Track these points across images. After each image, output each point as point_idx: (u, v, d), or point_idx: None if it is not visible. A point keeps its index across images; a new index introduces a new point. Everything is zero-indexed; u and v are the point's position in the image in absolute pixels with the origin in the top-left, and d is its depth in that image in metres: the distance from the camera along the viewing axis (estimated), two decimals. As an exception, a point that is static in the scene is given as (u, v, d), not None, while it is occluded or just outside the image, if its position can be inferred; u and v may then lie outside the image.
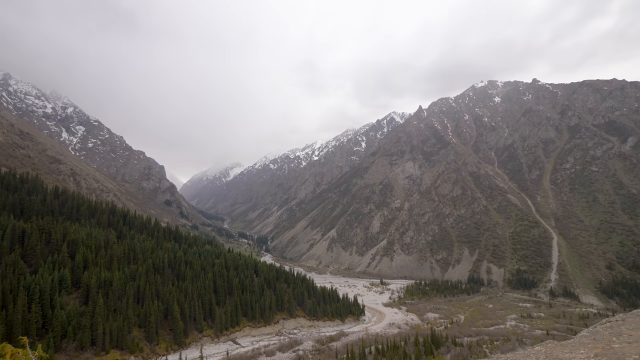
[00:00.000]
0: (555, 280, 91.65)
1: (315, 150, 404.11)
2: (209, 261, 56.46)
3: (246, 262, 62.28)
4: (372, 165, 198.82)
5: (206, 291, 48.59)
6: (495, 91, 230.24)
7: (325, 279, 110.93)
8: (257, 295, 54.26)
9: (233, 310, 49.32)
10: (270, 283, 59.38)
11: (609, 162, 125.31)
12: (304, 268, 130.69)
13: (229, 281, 53.69)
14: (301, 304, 60.60)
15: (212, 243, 73.54)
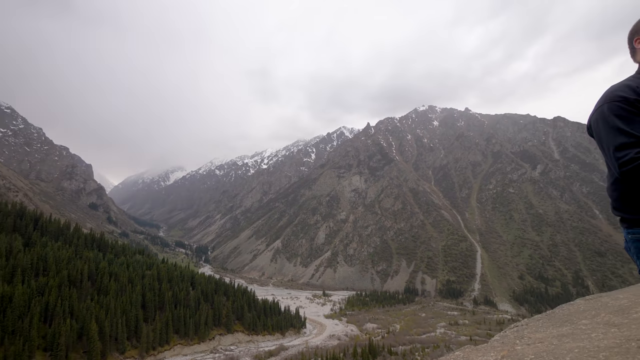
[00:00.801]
0: (478, 290, 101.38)
1: (265, 158, 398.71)
2: (139, 273, 51.35)
3: (182, 274, 57.98)
4: (320, 176, 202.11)
5: (132, 306, 43.90)
6: (434, 115, 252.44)
7: (268, 291, 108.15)
8: (192, 310, 50.59)
9: (163, 327, 45.21)
10: (208, 296, 55.92)
11: (522, 185, 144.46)
12: (245, 280, 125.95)
13: (161, 295, 49.30)
14: (240, 318, 57.99)
15: (144, 253, 67.24)
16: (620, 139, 1.23)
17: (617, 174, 1.26)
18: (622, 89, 1.32)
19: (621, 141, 1.22)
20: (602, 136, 1.29)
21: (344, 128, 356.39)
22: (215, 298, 56.13)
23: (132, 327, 42.74)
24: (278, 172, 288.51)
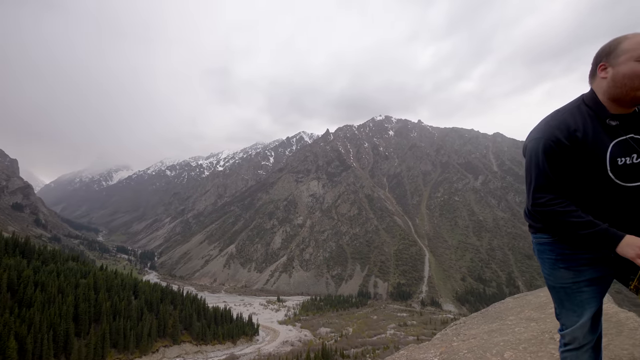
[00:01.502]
0: (426, 292, 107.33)
1: (221, 160, 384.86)
2: (72, 282, 46.23)
3: (123, 282, 53.35)
4: (278, 181, 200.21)
5: (62, 319, 39.31)
6: (390, 125, 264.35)
7: (219, 298, 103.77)
8: (134, 321, 46.72)
9: (99, 341, 41.11)
10: (153, 306, 52.09)
11: (466, 194, 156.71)
12: (196, 287, 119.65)
13: (97, 305, 44.83)
14: (189, 327, 54.82)
15: (79, 259, 60.82)
16: (542, 181, 1.34)
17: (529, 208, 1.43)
18: (561, 128, 1.32)
19: (542, 183, 1.34)
20: (530, 168, 1.41)
21: (303, 133, 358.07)
22: (160, 307, 52.46)
23: (61, 342, 38.24)
24: (234, 174, 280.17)
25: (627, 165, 1.29)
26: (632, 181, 1.29)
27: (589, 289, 1.41)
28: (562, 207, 1.29)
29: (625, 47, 1.26)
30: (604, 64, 1.34)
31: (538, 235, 1.55)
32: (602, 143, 1.30)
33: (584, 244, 1.33)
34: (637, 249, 1.18)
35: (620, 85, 1.28)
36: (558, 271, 1.46)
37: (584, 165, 1.30)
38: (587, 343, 1.43)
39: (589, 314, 1.41)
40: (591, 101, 1.36)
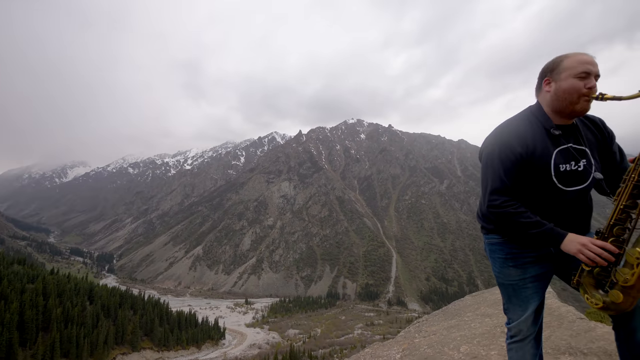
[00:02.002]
0: (392, 292, 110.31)
1: (189, 158, 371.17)
2: (17, 287, 42.24)
3: (77, 287, 49.65)
4: (249, 181, 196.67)
5: (5, 328, 35.79)
6: (362, 129, 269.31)
7: (184, 302, 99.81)
8: (89, 328, 43.61)
9: (47, 350, 37.89)
10: (110, 311, 48.94)
11: (432, 197, 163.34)
12: (158, 291, 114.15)
13: (47, 312, 41.33)
14: (150, 333, 52.13)
15: (26, 262, 55.78)
16: (497, 184, 1.45)
17: (484, 210, 1.53)
18: (515, 137, 1.45)
19: (497, 186, 1.45)
20: (487, 172, 1.50)
21: (275, 133, 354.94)
22: (119, 313, 49.41)
23: (3, 353, 34.77)
24: (203, 174, 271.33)
25: (567, 171, 1.43)
26: (572, 186, 1.44)
27: (533, 285, 1.55)
28: (514, 208, 1.41)
29: (566, 65, 1.41)
30: (548, 79, 1.48)
31: (490, 236, 1.66)
32: (548, 150, 1.44)
33: (532, 243, 1.45)
34: (578, 245, 1.29)
35: (561, 98, 1.43)
36: (507, 269, 1.59)
37: (533, 170, 1.43)
38: (530, 334, 1.56)
39: (533, 308, 1.55)
40: (538, 112, 1.51)
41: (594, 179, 1.45)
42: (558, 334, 2.58)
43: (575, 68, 1.39)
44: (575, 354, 2.14)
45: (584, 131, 1.52)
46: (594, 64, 1.39)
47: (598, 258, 1.25)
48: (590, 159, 1.46)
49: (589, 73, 1.38)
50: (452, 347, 3.01)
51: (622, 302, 1.24)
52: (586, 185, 1.45)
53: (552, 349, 2.32)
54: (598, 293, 1.29)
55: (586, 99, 1.40)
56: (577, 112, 1.45)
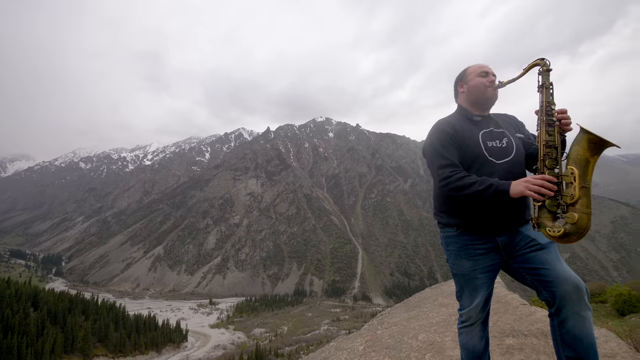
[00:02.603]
0: (358, 287, 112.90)
1: (149, 153, 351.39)
2: (-57, 294, 37.54)
3: (18, 292, 45.14)
4: (214, 178, 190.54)
5: None
6: (330, 127, 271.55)
7: (143, 305, 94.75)
8: (33, 337, 39.90)
9: (-19, 363, 34.11)
10: (58, 318, 45.11)
11: (397, 195, 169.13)
12: (114, 294, 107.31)
13: (-19, 321, 37.19)
14: (104, 339, 48.83)
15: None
16: (441, 161, 1.69)
17: (438, 187, 1.74)
18: (445, 124, 1.78)
19: (442, 162, 1.68)
20: (430, 158, 1.77)
21: (243, 129, 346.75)
22: (68, 319, 45.68)
23: None
24: (165, 170, 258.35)
25: (495, 147, 1.73)
26: (502, 159, 1.71)
27: (483, 275, 1.73)
28: (460, 174, 1.62)
29: (470, 70, 1.85)
30: (461, 84, 1.88)
31: (445, 230, 1.84)
32: (474, 132, 1.76)
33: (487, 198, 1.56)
34: (522, 184, 1.45)
35: (473, 92, 1.81)
36: (460, 260, 1.77)
37: (466, 146, 1.71)
38: (479, 319, 1.76)
39: (482, 296, 1.74)
40: (460, 109, 1.88)
41: (518, 150, 1.74)
42: (504, 319, 2.85)
43: (477, 71, 1.81)
44: (518, 336, 2.43)
45: (500, 120, 1.87)
46: (488, 67, 1.83)
47: (542, 188, 1.40)
48: (510, 138, 1.77)
49: (487, 72, 1.80)
50: (411, 336, 3.19)
51: (578, 220, 1.38)
52: (512, 157, 1.72)
53: (499, 332, 2.61)
54: (556, 224, 1.43)
55: (491, 88, 1.77)
56: (488, 99, 1.80)
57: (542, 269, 1.58)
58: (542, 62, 1.60)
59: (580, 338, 1.50)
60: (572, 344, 1.52)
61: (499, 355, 2.32)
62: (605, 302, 14.72)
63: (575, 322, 1.51)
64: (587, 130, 1.40)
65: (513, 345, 2.36)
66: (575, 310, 1.51)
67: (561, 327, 1.54)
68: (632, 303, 11.79)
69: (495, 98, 1.82)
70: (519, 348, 2.31)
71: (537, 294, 1.64)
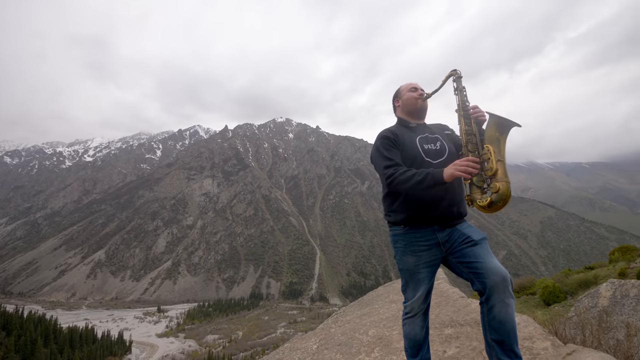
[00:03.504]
0: (315, 288, 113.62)
1: (90, 149, 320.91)
2: None
3: None
4: (166, 177, 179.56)
5: None
6: (290, 128, 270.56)
7: (79, 316, 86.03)
8: (-64, 358, 34.14)
9: None
10: (-29, 334, 39.18)
11: (354, 197, 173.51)
12: (44, 305, 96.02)
13: None
14: (30, 356, 43.33)
15: None
16: (385, 162, 1.92)
17: (386, 187, 1.96)
18: (386, 131, 2.04)
19: (386, 163, 1.91)
20: (376, 162, 2.00)
21: (199, 127, 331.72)
22: (-16, 335, 39.90)
23: None
24: (109, 167, 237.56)
25: (431, 149, 1.99)
26: (437, 159, 1.97)
27: (425, 270, 1.94)
28: (402, 169, 1.85)
29: (402, 88, 2.18)
30: (397, 100, 2.19)
31: (393, 228, 2.04)
32: (412, 137, 2.02)
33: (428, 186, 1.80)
34: (452, 167, 1.71)
35: (407, 104, 2.11)
36: (405, 257, 1.97)
37: (406, 150, 1.97)
38: (420, 311, 1.96)
39: (424, 289, 1.94)
40: (399, 120, 2.16)
41: (450, 152, 2.01)
42: (444, 311, 3.13)
43: (407, 87, 2.14)
44: (455, 326, 2.68)
45: (434, 127, 2.15)
46: (417, 84, 2.15)
47: (468, 168, 1.68)
48: (443, 142, 2.04)
49: (415, 88, 2.12)
50: (362, 332, 3.31)
51: (500, 188, 1.68)
52: (446, 157, 1.98)
53: (439, 323, 2.87)
54: (484, 195, 1.74)
55: (420, 100, 2.08)
56: (419, 109, 2.10)
57: (475, 262, 1.79)
58: (455, 73, 1.95)
59: (504, 322, 1.74)
60: (497, 328, 1.75)
61: (438, 344, 2.52)
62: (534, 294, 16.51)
63: (501, 309, 1.74)
64: (493, 114, 1.75)
65: (451, 334, 2.60)
66: (501, 298, 1.74)
67: (489, 314, 1.77)
68: (555, 294, 13.38)
69: (425, 107, 2.12)
70: (456, 337, 2.55)
71: (471, 285, 1.84)
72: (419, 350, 2.00)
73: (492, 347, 1.80)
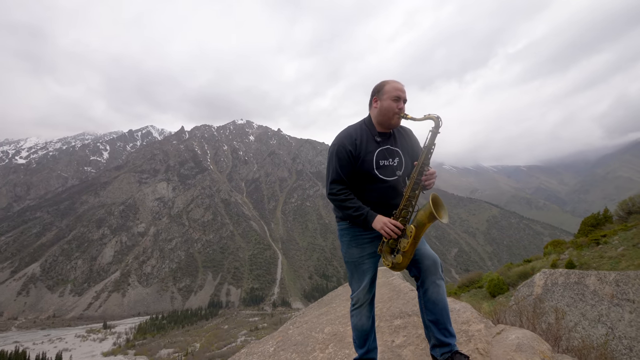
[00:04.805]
0: (277, 293, 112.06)
1: (24, 149, 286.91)
2: None
3: None
4: (114, 180, 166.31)
5: None
6: (251, 130, 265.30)
7: (7, 339, 76.16)
8: None
9: None
10: None
11: (316, 200, 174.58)
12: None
13: None
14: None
15: None
16: (334, 176, 2.00)
17: (327, 196, 2.10)
18: (347, 137, 2.01)
19: (334, 177, 1.99)
20: (329, 166, 2.07)
21: (152, 127, 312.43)
22: None
23: None
24: (46, 170, 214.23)
25: (386, 165, 2.00)
26: (390, 177, 2.00)
27: (369, 260, 2.04)
28: (345, 195, 1.95)
29: (386, 89, 2.00)
30: (376, 98, 2.04)
31: (340, 223, 2.12)
32: (371, 150, 1.99)
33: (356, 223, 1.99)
34: (381, 224, 1.86)
35: (383, 114, 2.00)
36: (351, 249, 2.06)
37: (360, 164, 1.97)
38: (366, 301, 2.05)
39: (368, 279, 2.04)
40: (368, 122, 2.08)
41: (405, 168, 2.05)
42: (395, 304, 3.28)
43: (391, 92, 1.97)
44: (404, 317, 2.88)
45: (399, 138, 2.11)
46: (403, 90, 2.00)
47: (392, 233, 1.84)
48: (401, 157, 2.05)
49: (399, 97, 1.97)
50: (318, 330, 3.33)
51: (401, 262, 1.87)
52: (400, 176, 2.03)
53: (390, 315, 3.02)
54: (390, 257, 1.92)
55: (397, 116, 1.99)
56: (392, 125, 2.03)
57: None
58: (437, 121, 1.89)
59: (437, 302, 1.91)
60: (432, 309, 1.93)
61: (388, 335, 2.64)
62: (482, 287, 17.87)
63: (433, 290, 1.92)
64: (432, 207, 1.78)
65: (400, 325, 2.76)
66: (433, 280, 1.93)
67: (424, 296, 1.95)
68: (499, 286, 14.60)
69: (398, 125, 2.05)
70: (404, 326, 2.70)
71: (408, 271, 2.03)
72: (366, 340, 2.08)
73: (429, 327, 1.95)
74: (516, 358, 1.85)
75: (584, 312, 5.76)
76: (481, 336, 2.15)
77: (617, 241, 12.01)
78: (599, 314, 5.45)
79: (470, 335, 2.20)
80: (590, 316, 5.64)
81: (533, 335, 2.07)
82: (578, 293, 6.09)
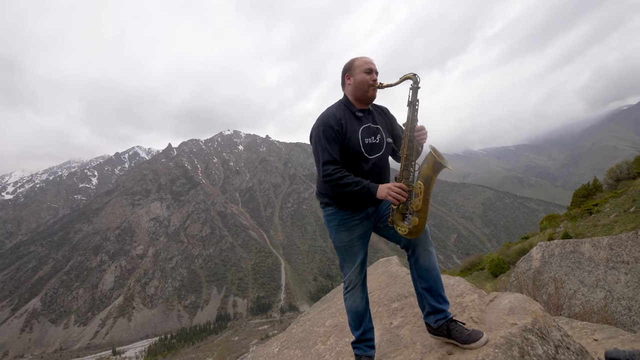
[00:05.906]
0: (284, 299, 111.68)
1: (9, 185, 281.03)
2: None
3: None
4: (106, 206, 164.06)
5: None
6: (239, 140, 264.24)
7: (14, 378, 74.44)
8: None
9: None
10: None
11: (312, 202, 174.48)
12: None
13: None
14: None
15: None
16: (326, 157, 1.91)
17: (321, 179, 1.99)
18: (332, 118, 1.97)
19: (326, 158, 1.91)
20: (316, 149, 1.98)
21: (138, 148, 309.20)
22: None
23: None
24: (35, 203, 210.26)
25: (370, 143, 1.98)
26: (374, 154, 1.99)
27: (358, 242, 2.03)
28: (341, 173, 1.88)
29: (357, 64, 2.02)
30: (348, 75, 2.05)
31: (326, 209, 2.10)
32: (355, 128, 1.98)
33: (358, 198, 1.94)
34: (386, 189, 1.79)
35: (358, 88, 1.99)
36: (340, 234, 2.03)
37: (348, 143, 1.94)
38: (358, 282, 2.03)
39: (359, 260, 2.03)
40: (345, 101, 2.06)
41: (387, 145, 2.04)
42: (393, 289, 3.33)
43: (362, 66, 1.99)
44: (401, 299, 2.97)
45: (377, 115, 2.10)
46: (373, 63, 2.01)
47: (399, 196, 1.77)
48: (382, 134, 2.03)
49: (371, 70, 1.98)
50: (320, 324, 3.37)
51: (418, 223, 1.78)
52: (383, 153, 2.02)
53: (388, 300, 3.08)
54: (404, 223, 1.85)
55: (373, 88, 1.98)
56: (369, 98, 2.02)
57: None
58: (414, 78, 1.86)
59: (429, 269, 1.91)
60: (425, 276, 1.92)
61: (386, 318, 2.70)
62: (483, 269, 18.07)
63: (425, 257, 1.91)
64: (433, 152, 1.76)
65: (397, 307, 2.84)
66: (424, 247, 1.92)
67: (416, 263, 1.94)
68: (500, 265, 14.76)
69: (375, 97, 2.04)
70: (401, 308, 2.78)
71: (399, 244, 1.99)
72: (362, 322, 2.06)
73: (422, 295, 1.94)
74: (509, 320, 1.89)
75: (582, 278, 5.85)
76: (475, 305, 2.21)
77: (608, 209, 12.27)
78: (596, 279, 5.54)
79: (464, 306, 2.26)
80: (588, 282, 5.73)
81: (524, 297, 2.12)
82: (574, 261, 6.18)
